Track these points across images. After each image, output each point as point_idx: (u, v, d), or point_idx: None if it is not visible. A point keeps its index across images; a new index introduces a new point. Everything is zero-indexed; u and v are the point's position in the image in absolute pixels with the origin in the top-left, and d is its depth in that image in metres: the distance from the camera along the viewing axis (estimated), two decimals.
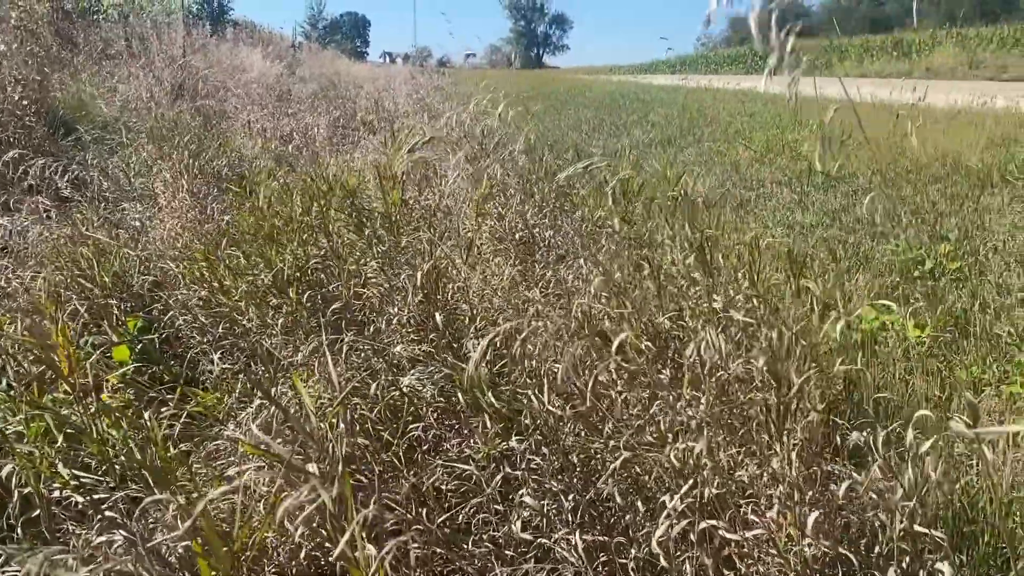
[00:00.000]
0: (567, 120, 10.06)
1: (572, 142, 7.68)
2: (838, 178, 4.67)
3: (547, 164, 5.12)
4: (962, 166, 4.34)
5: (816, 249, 3.71)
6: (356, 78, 19.37)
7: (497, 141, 5.26)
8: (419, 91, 12.57)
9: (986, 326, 2.71)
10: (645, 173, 5.38)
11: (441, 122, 6.79)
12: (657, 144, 7.39)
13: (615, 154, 6.63)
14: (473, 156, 4.75)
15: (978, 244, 3.41)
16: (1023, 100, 7.14)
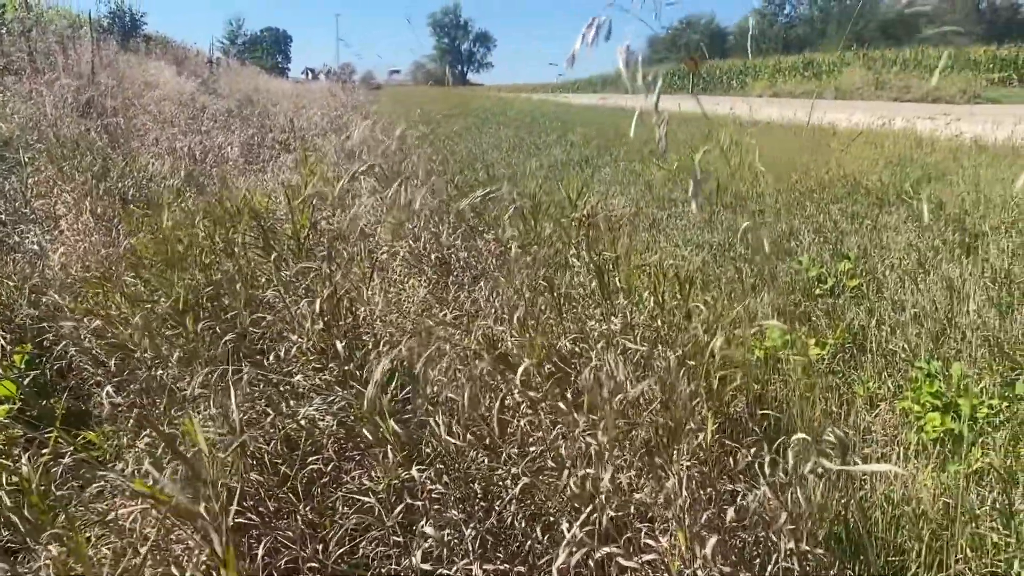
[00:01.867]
0: (488, 139, 10.10)
1: (487, 162, 7.72)
2: (746, 197, 4.80)
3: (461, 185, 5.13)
4: (862, 185, 4.52)
5: (723, 268, 3.80)
6: (275, 95, 19.10)
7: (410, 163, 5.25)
8: (337, 109, 12.46)
9: (881, 342, 2.82)
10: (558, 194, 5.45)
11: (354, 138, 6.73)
12: (575, 164, 7.48)
13: (530, 174, 6.69)
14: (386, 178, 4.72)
15: (876, 262, 3.54)
16: (919, 121, 7.50)
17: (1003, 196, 3.91)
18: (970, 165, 4.70)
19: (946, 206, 3.92)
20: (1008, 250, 3.28)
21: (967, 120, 8.97)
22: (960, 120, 8.31)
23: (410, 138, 8.93)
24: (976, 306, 2.92)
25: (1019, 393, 2.30)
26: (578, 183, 4.37)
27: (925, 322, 2.90)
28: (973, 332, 2.75)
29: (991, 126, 7.18)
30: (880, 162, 4.94)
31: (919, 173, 4.53)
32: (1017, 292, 2.96)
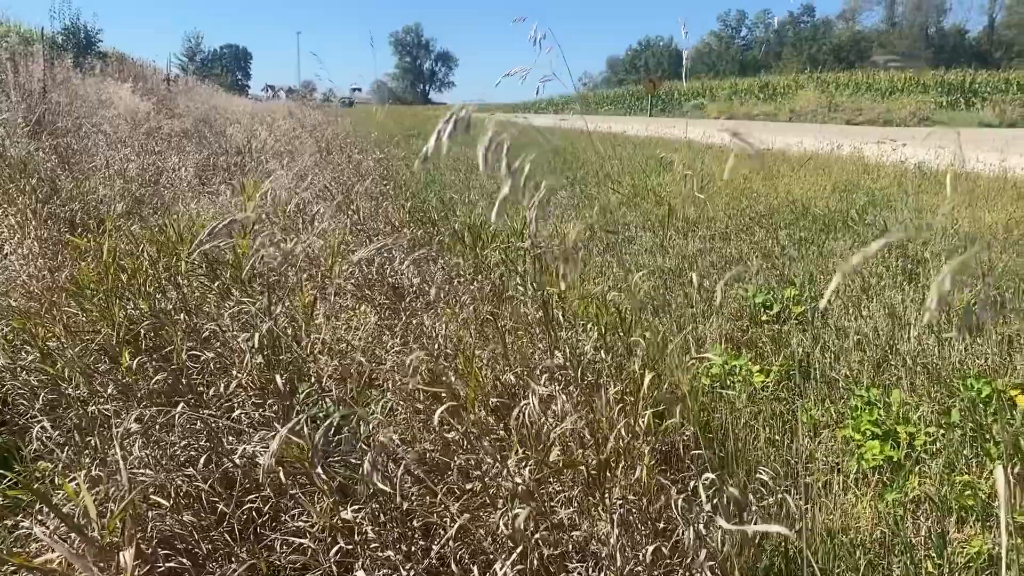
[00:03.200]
0: (446, 160, 10.11)
1: (444, 184, 7.73)
2: (697, 222, 4.86)
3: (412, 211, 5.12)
4: (810, 211, 4.60)
5: (673, 294, 3.83)
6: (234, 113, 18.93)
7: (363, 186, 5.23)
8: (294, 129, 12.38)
9: (825, 369, 2.86)
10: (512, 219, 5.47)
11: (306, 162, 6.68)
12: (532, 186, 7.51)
13: (486, 195, 6.70)
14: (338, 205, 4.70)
15: (822, 288, 3.60)
16: (867, 146, 7.68)
17: (942, 223, 4.01)
18: (913, 191, 4.81)
19: (889, 232, 4.01)
20: (946, 277, 3.36)
21: (914, 144, 9.21)
22: (907, 145, 8.53)
23: (367, 159, 8.92)
24: (916, 333, 2.99)
25: (954, 421, 2.36)
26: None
27: (867, 349, 2.96)
28: (913, 359, 2.81)
29: (935, 151, 7.38)
30: (828, 188, 5.03)
31: (865, 199, 4.63)
32: (955, 319, 3.02)
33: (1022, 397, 2.43)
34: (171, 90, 20.92)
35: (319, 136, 12.08)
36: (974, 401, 2.45)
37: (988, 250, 3.57)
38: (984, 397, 2.44)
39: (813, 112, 30.26)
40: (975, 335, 2.89)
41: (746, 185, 5.52)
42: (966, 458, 2.22)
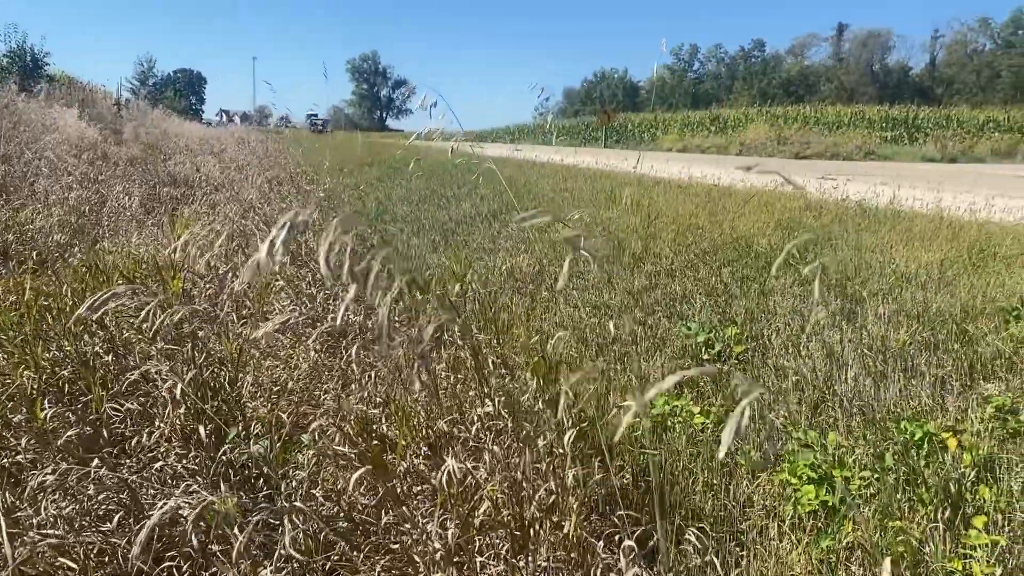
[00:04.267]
0: (399, 190, 10.09)
1: (395, 216, 7.70)
2: (642, 258, 4.89)
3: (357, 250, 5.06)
4: (752, 249, 4.66)
5: (619, 331, 3.84)
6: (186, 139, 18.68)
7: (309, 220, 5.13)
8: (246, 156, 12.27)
9: (763, 410, 2.88)
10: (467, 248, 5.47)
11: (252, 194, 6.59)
12: (484, 217, 7.52)
13: (434, 228, 6.69)
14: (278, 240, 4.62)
15: (762, 327, 3.63)
16: (810, 183, 7.85)
17: (881, 262, 4.09)
18: (853, 229, 4.91)
19: (829, 271, 4.07)
20: (884, 316, 3.42)
21: (858, 179, 9.45)
22: (851, 180, 8.75)
23: (317, 191, 8.85)
24: (854, 374, 3.02)
25: (888, 465, 2.38)
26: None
27: (806, 389, 2.98)
28: (849, 400, 2.84)
29: (877, 188, 7.57)
30: (771, 225, 5.11)
31: (806, 237, 4.71)
32: (891, 360, 3.07)
33: (953, 440, 2.47)
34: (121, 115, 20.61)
35: (270, 164, 11.97)
36: (907, 444, 2.48)
37: (923, 290, 3.64)
38: (917, 440, 2.47)
39: (762, 145, 30.89)
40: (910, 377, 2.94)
41: (692, 221, 5.58)
42: (899, 503, 2.24)
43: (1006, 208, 5.69)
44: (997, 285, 3.52)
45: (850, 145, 29.05)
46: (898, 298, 3.57)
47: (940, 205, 5.54)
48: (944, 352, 3.02)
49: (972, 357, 2.91)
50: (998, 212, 5.46)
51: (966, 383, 2.81)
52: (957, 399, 2.73)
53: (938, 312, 3.32)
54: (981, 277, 3.67)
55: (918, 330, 3.22)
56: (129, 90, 47.24)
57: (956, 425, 2.55)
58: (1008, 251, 4.01)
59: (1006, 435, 2.44)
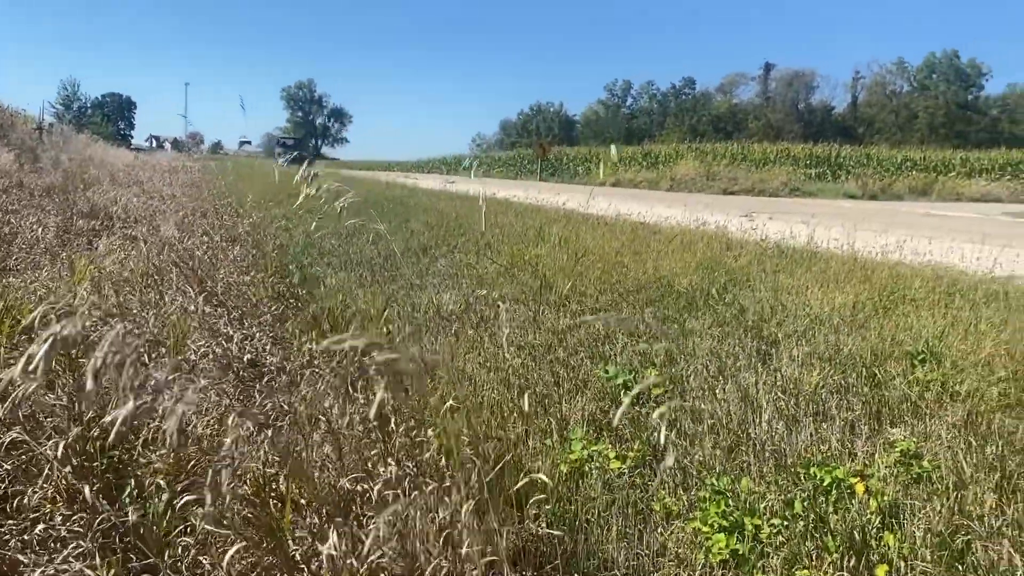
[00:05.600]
0: (328, 223, 9.95)
1: (322, 251, 7.59)
2: (567, 297, 4.90)
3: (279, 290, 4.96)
4: (674, 288, 4.72)
5: (540, 372, 3.82)
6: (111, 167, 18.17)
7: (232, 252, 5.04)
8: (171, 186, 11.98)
9: (679, 455, 2.88)
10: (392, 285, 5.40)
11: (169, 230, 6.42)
12: (413, 252, 7.47)
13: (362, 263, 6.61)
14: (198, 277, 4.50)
15: (681, 368, 3.66)
16: (733, 221, 8.04)
17: (796, 304, 4.18)
18: (771, 270, 5.02)
19: (747, 312, 4.14)
20: (798, 359, 3.48)
21: (780, 217, 9.72)
22: (772, 219, 8.99)
23: (244, 222, 8.67)
24: (767, 417, 3.06)
25: (797, 511, 2.40)
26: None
27: (721, 433, 3.01)
28: (763, 445, 2.87)
29: (796, 227, 7.79)
30: (693, 264, 5.19)
31: (725, 278, 4.79)
32: (804, 403, 3.12)
33: (861, 485, 2.50)
34: (43, 140, 19.96)
35: (197, 195, 11.71)
36: (816, 490, 2.51)
37: (836, 332, 3.73)
38: (826, 486, 2.50)
39: (692, 180, 31.59)
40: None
41: (618, 259, 5.63)
42: (807, 551, 2.25)
43: (915, 250, 5.91)
44: (905, 328, 3.62)
45: (776, 181, 29.94)
46: (811, 340, 3.65)
47: (854, 248, 5.72)
48: (854, 395, 3.08)
49: (880, 401, 2.98)
50: (908, 254, 5.66)
51: (874, 427, 2.87)
52: (866, 443, 2.78)
53: (849, 355, 3.40)
54: (891, 319, 3.78)
55: (830, 373, 3.28)
56: (53, 114, 45.80)
57: (864, 470, 2.60)
58: (916, 294, 4.14)
59: (910, 480, 2.49)
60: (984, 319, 3.61)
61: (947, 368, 3.06)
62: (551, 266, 5.81)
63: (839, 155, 35.41)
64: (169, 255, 5.26)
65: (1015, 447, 2.51)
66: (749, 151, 36.38)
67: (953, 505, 2.29)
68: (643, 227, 7.48)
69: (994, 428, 2.61)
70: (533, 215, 9.25)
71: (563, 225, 7.71)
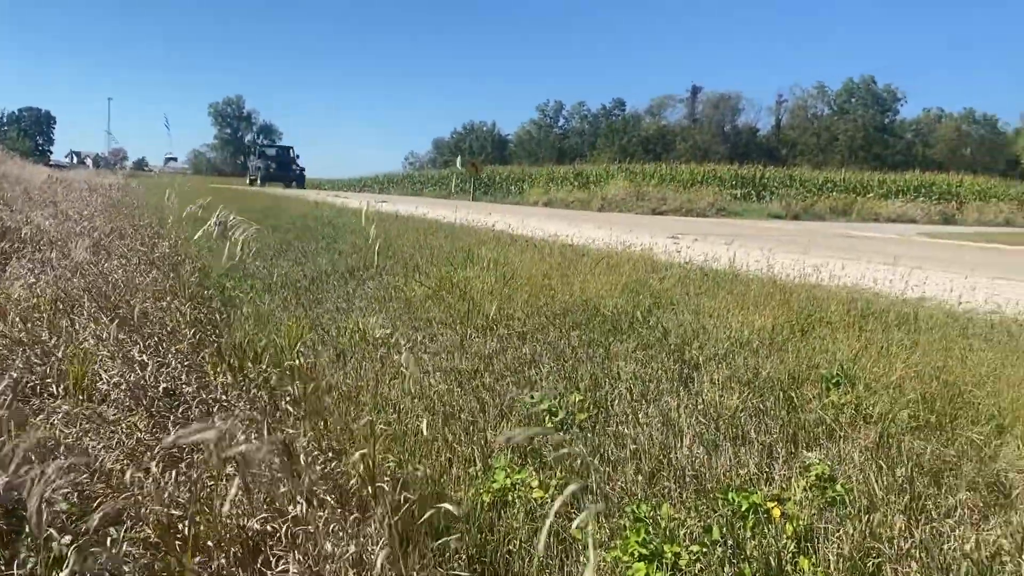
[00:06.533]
0: (255, 243, 9.76)
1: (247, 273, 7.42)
2: (495, 320, 4.89)
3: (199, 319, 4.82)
4: (600, 311, 4.75)
5: (466, 399, 3.79)
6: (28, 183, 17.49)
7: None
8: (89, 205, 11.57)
9: (601, 481, 2.88)
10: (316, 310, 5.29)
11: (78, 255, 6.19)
12: (340, 274, 7.36)
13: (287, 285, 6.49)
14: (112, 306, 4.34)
15: (606, 392, 3.68)
16: (658, 243, 8.17)
17: (717, 326, 4.25)
18: (694, 292, 5.10)
19: (670, 335, 4.19)
20: (719, 382, 3.53)
21: (705, 239, 9.93)
22: (698, 240, 9.17)
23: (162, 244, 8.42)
24: (688, 441, 3.09)
25: (715, 538, 2.42)
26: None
27: (643, 458, 3.02)
28: (683, 470, 2.89)
29: (720, 249, 7.95)
30: (618, 287, 5.24)
31: (650, 300, 4.84)
32: (723, 427, 3.16)
33: (777, 510, 2.54)
34: None
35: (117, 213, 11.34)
36: (735, 515, 2.54)
37: (756, 355, 3.80)
38: (743, 511, 2.53)
39: (623, 200, 32.07)
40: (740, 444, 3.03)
41: (545, 282, 5.65)
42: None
43: (832, 272, 6.08)
44: (822, 350, 3.71)
45: (703, 202, 30.64)
46: (732, 363, 3.71)
47: (774, 270, 5.86)
48: (772, 419, 3.14)
49: (796, 424, 3.04)
50: (826, 276, 5.83)
51: (791, 450, 2.92)
52: (783, 467, 2.83)
53: (767, 378, 3.46)
54: (808, 342, 3.87)
55: (748, 396, 3.34)
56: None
57: (781, 494, 2.64)
58: (832, 316, 4.25)
59: (824, 504, 2.54)
60: (896, 341, 3.73)
61: (860, 391, 3.14)
62: (480, 289, 5.79)
63: (763, 176, 36.49)
64: (82, 280, 5.07)
65: (923, 469, 2.59)
66: (677, 172, 37.15)
67: (864, 528, 2.34)
68: (571, 249, 7.54)
69: (904, 450, 2.68)
70: (463, 236, 9.24)
71: (493, 247, 7.70)
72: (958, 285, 5.68)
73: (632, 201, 31.72)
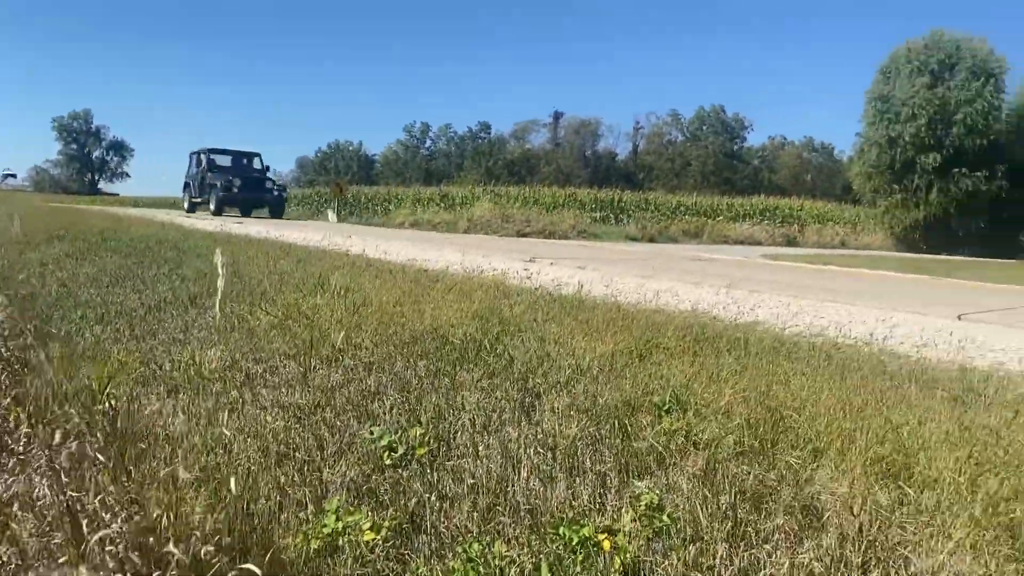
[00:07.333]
0: (89, 268, 9.18)
1: (80, 302, 6.95)
2: (342, 350, 4.75)
3: None
4: (448, 339, 4.70)
5: (304, 436, 3.64)
6: None
7: None
8: None
9: (435, 520, 2.82)
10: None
11: None
12: (181, 303, 6.99)
13: (121, 317, 6.10)
14: None
15: (449, 423, 3.62)
16: (515, 268, 8.24)
17: (561, 353, 4.29)
18: (543, 319, 5.15)
19: (515, 362, 4.19)
20: (559, 411, 3.55)
21: (561, 262, 10.10)
22: (554, 264, 9.32)
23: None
24: (526, 474, 3.07)
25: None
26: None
27: (481, 493, 2.98)
28: (519, 504, 2.87)
29: (574, 273, 8.10)
30: (469, 314, 5.21)
31: (499, 327, 4.84)
32: (560, 456, 3.17)
33: (608, 542, 2.55)
34: None
35: None
36: (566, 548, 2.53)
37: (596, 382, 3.85)
38: (574, 545, 2.52)
39: (488, 222, 32.31)
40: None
41: (396, 310, 5.55)
42: None
43: (676, 296, 6.31)
44: (657, 376, 3.80)
45: (565, 224, 31.33)
46: (572, 391, 3.74)
47: (621, 296, 6.02)
48: (607, 447, 3.17)
49: (630, 452, 3.08)
50: (670, 299, 6.03)
51: (624, 479, 2.96)
52: (615, 497, 2.86)
53: (605, 405, 3.50)
54: (645, 368, 3.96)
55: (587, 424, 3.37)
56: None
57: (612, 525, 2.66)
58: (669, 342, 4.38)
59: (652, 534, 2.58)
60: (726, 366, 3.87)
61: (691, 417, 3.23)
62: (328, 317, 5.62)
63: (621, 200, 37.83)
64: None
65: (745, 495, 2.67)
66: (541, 195, 37.91)
67: (688, 558, 2.39)
68: (427, 275, 7.47)
69: (728, 476, 2.77)
70: (318, 261, 9.00)
71: (347, 272, 7.53)
72: (790, 309, 6.01)
73: (497, 223, 32.03)
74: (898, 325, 5.47)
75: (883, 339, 5.12)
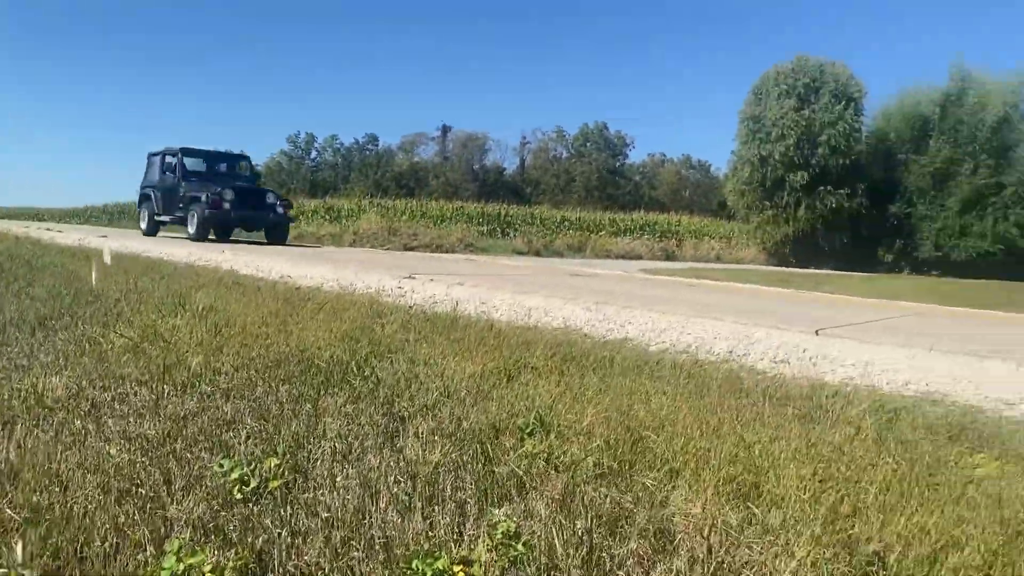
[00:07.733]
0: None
1: None
2: (199, 375, 4.51)
3: None
4: (314, 362, 4.54)
5: (150, 470, 3.40)
6: None
7: None
8: None
9: (283, 559, 2.67)
10: None
11: None
12: (29, 324, 6.50)
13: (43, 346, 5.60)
14: None
15: (308, 453, 3.47)
16: (394, 284, 8.10)
17: (430, 374, 4.20)
18: (414, 339, 5.05)
19: (381, 386, 4.08)
20: (423, 436, 3.46)
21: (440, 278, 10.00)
22: (433, 280, 9.21)
23: None
24: (384, 504, 2.96)
25: None
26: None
27: (336, 527, 2.85)
28: (374, 537, 2.75)
29: (454, 289, 8.03)
30: (338, 335, 5.06)
31: (368, 348, 4.71)
32: (421, 484, 3.07)
33: (463, 573, 2.48)
34: None
35: None
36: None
37: (463, 404, 3.78)
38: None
39: (375, 235, 31.96)
40: None
41: (262, 331, 5.33)
42: None
43: (549, 313, 6.33)
44: (524, 397, 3.77)
45: (452, 238, 31.36)
46: (438, 414, 3.66)
47: (496, 314, 5.99)
48: (468, 473, 3.10)
49: (490, 478, 3.02)
50: (544, 317, 6.05)
51: (483, 506, 2.89)
52: (473, 525, 2.79)
53: (470, 429, 3.44)
54: (513, 389, 3.92)
55: (450, 450, 3.29)
56: None
57: (468, 555, 2.58)
58: (537, 361, 4.36)
59: (507, 563, 2.52)
60: (591, 386, 3.87)
61: (553, 439, 3.20)
62: (187, 340, 5.34)
63: (508, 214, 38.23)
64: None
65: (602, 519, 2.65)
66: (429, 208, 37.87)
67: None
68: (298, 292, 7.24)
69: (586, 500, 2.74)
70: (183, 278, 8.59)
71: (212, 290, 7.20)
72: (658, 325, 6.12)
73: (384, 236, 31.73)
74: (759, 341, 5.65)
75: (743, 355, 5.28)
